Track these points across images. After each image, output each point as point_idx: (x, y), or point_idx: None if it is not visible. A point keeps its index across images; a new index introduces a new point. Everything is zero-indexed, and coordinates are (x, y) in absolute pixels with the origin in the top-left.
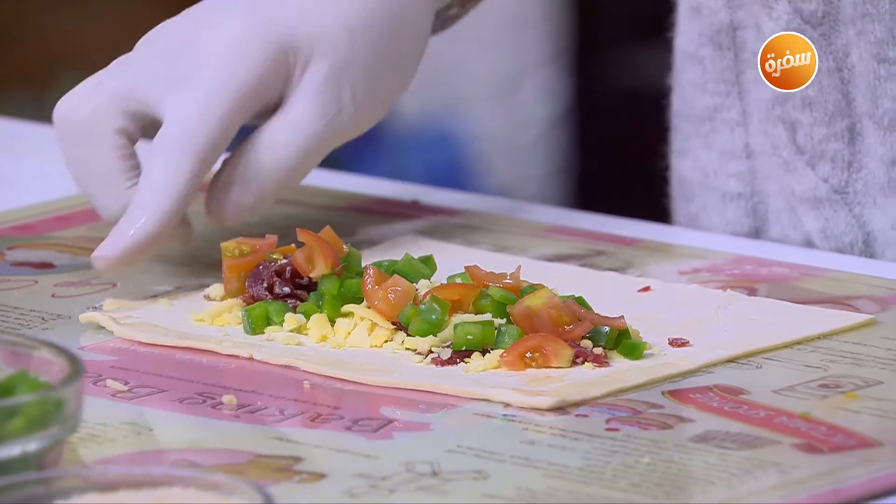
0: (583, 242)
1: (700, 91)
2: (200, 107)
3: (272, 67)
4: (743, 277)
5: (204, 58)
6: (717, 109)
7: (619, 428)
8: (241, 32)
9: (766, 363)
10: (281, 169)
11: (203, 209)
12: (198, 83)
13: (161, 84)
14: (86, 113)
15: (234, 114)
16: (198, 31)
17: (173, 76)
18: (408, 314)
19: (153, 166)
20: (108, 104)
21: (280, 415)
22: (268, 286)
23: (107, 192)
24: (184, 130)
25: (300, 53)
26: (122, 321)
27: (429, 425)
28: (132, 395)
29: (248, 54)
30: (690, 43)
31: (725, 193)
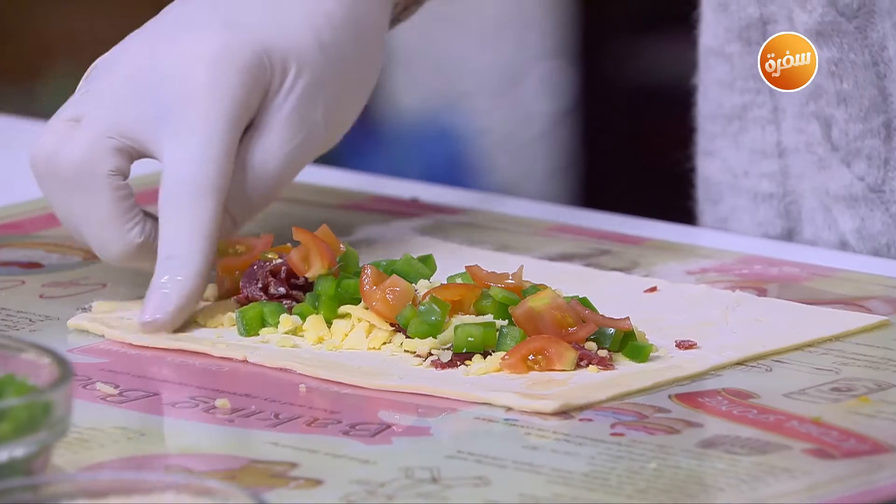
0: (587, 241)
1: (728, 89)
2: (202, 144)
3: (253, 87)
4: (752, 277)
5: (186, 85)
6: (746, 107)
7: (624, 433)
8: (218, 55)
9: (776, 366)
10: (258, 194)
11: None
12: (190, 119)
13: (150, 122)
14: (76, 158)
15: (231, 140)
16: (171, 56)
17: (161, 113)
18: (407, 315)
19: (172, 216)
20: (98, 147)
21: (275, 419)
22: (263, 286)
23: (108, 236)
24: (192, 171)
25: (276, 70)
26: (112, 323)
27: (428, 430)
28: (123, 399)
29: (229, 77)
30: (716, 39)
31: (757, 194)
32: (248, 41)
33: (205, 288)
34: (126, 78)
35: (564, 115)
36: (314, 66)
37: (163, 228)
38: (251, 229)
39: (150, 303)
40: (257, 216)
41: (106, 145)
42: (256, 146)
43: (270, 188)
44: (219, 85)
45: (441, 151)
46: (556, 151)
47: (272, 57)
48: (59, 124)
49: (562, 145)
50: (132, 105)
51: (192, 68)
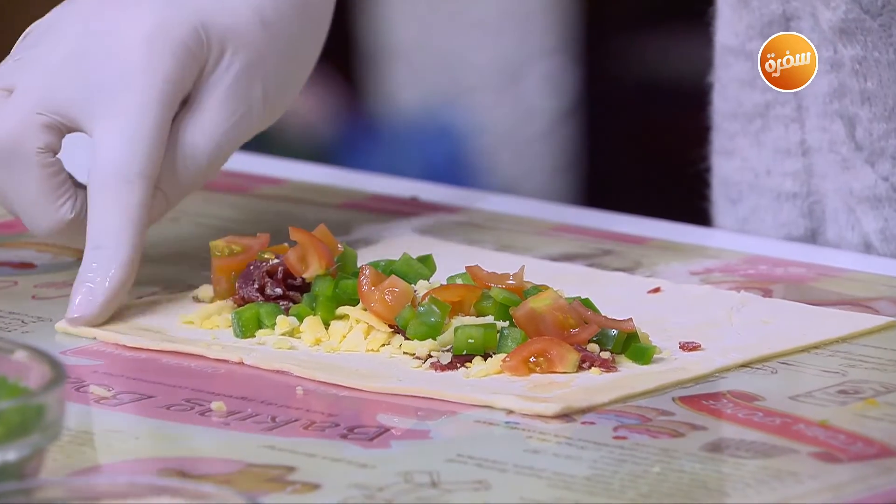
0: (590, 241)
1: (749, 87)
2: (133, 128)
3: (189, 65)
4: (757, 278)
5: (121, 64)
6: (769, 106)
7: (627, 436)
8: (154, 32)
9: (781, 368)
10: (191, 173)
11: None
12: (123, 100)
13: (81, 99)
14: (4, 134)
15: (164, 123)
16: (105, 26)
17: (93, 91)
18: (406, 317)
19: (101, 203)
20: (28, 123)
21: (272, 422)
22: (259, 287)
23: (38, 212)
24: (123, 156)
25: (213, 47)
26: (105, 326)
27: (428, 433)
28: (116, 402)
29: (165, 56)
30: (736, 37)
31: (780, 193)
32: (186, 17)
33: (133, 276)
34: (59, 51)
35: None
36: (254, 43)
37: (91, 215)
38: (248, 230)
39: (77, 297)
40: (191, 196)
41: (36, 121)
42: (190, 124)
43: (204, 168)
44: (153, 64)
45: (441, 149)
46: (559, 150)
47: (210, 34)
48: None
49: (564, 143)
50: (64, 80)
51: (126, 45)
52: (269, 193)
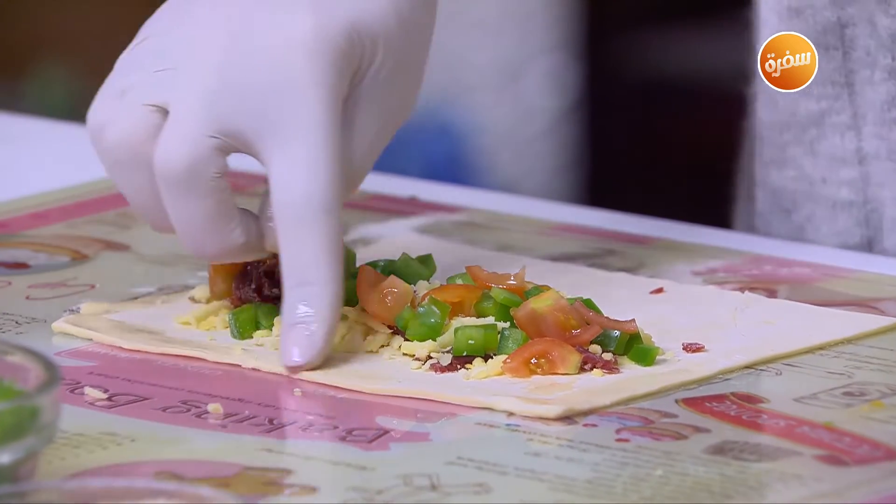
0: (592, 241)
1: (803, 96)
2: (317, 154)
3: (346, 73)
4: (762, 278)
5: (286, 79)
6: (824, 114)
7: (629, 438)
8: (313, 36)
9: (786, 369)
10: (346, 182)
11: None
12: (298, 121)
13: (249, 118)
14: (179, 161)
15: (339, 140)
16: (257, 36)
17: (260, 107)
18: (405, 317)
19: (298, 237)
20: (201, 148)
21: (269, 424)
22: (256, 287)
23: (209, 239)
24: (314, 187)
25: (365, 51)
26: (101, 325)
27: (427, 436)
28: (112, 404)
29: (328, 67)
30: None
31: (836, 202)
32: (340, 22)
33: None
34: (211, 65)
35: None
36: (398, 44)
37: (287, 250)
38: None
39: (294, 341)
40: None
41: (208, 145)
42: (345, 133)
43: (358, 175)
44: (319, 77)
45: (441, 148)
46: (560, 148)
47: (361, 37)
48: (142, 109)
49: (565, 142)
50: (228, 99)
51: (288, 58)
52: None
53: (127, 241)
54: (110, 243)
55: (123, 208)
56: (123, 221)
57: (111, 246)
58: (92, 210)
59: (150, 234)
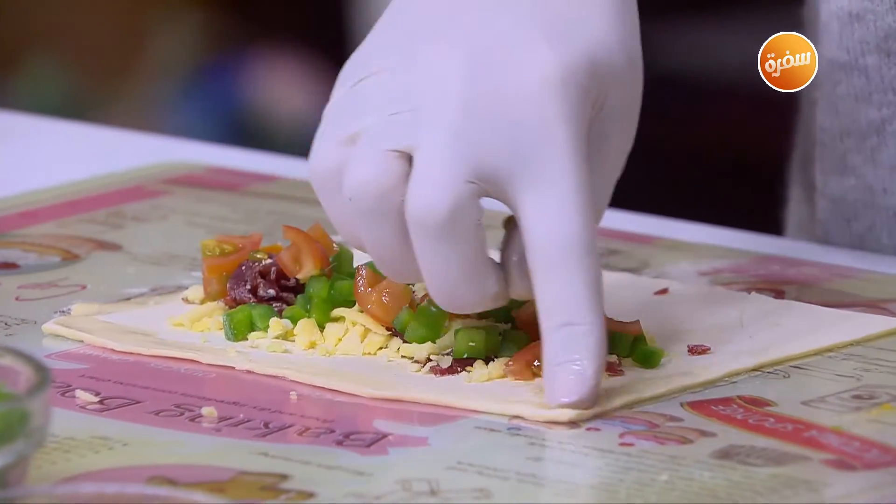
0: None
1: (864, 103)
2: (575, 193)
3: (588, 110)
4: (769, 278)
5: (537, 119)
6: (885, 121)
7: (633, 443)
8: (560, 72)
9: (794, 372)
10: (597, 217)
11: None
12: (554, 162)
13: (504, 160)
14: (443, 207)
15: (590, 177)
16: (498, 75)
17: (514, 148)
18: (404, 319)
19: (563, 278)
20: (463, 194)
21: (265, 428)
22: (251, 288)
23: (468, 289)
24: (576, 229)
25: (602, 86)
26: (92, 327)
27: (426, 440)
28: (103, 407)
29: (579, 108)
30: (848, 52)
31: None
32: (580, 55)
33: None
34: (456, 104)
35: None
36: (627, 74)
37: (546, 291)
38: (239, 229)
39: (565, 381)
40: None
41: (467, 191)
42: (596, 179)
43: (600, 210)
44: (568, 110)
45: None
46: None
47: (599, 70)
48: (385, 155)
49: None
50: (478, 139)
51: (535, 91)
52: (262, 191)
53: (119, 241)
54: (102, 243)
55: (115, 207)
56: (115, 221)
57: (103, 246)
58: (83, 209)
59: (143, 234)
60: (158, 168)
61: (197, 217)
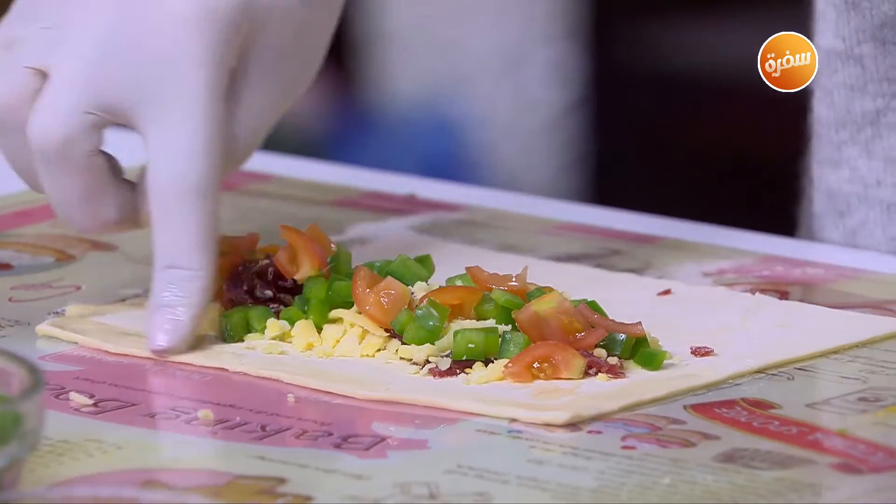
0: (597, 241)
1: (859, 94)
2: (198, 136)
3: (236, 44)
4: (774, 279)
5: (171, 55)
6: (880, 112)
7: (636, 446)
8: (203, 15)
9: (799, 374)
10: (232, 156)
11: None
12: (181, 101)
13: (131, 94)
14: (54, 135)
15: (222, 124)
16: (146, 12)
17: (143, 83)
18: (402, 320)
19: (170, 219)
20: (78, 124)
21: (262, 431)
22: (248, 289)
23: (80, 213)
24: (191, 168)
25: (257, 22)
26: (87, 329)
27: (426, 443)
28: (98, 410)
29: (216, 40)
30: (844, 41)
31: (891, 205)
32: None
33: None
34: (94, 34)
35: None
36: (296, 13)
37: (159, 231)
38: (236, 229)
39: (159, 325)
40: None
41: (85, 122)
42: (233, 106)
43: (244, 151)
44: (206, 52)
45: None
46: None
47: (254, 6)
48: (22, 71)
49: (570, 137)
50: (109, 71)
51: (173, 31)
52: (258, 190)
53: (114, 242)
54: (97, 243)
55: None
56: None
57: (98, 246)
58: None
59: (139, 234)
60: None
61: None
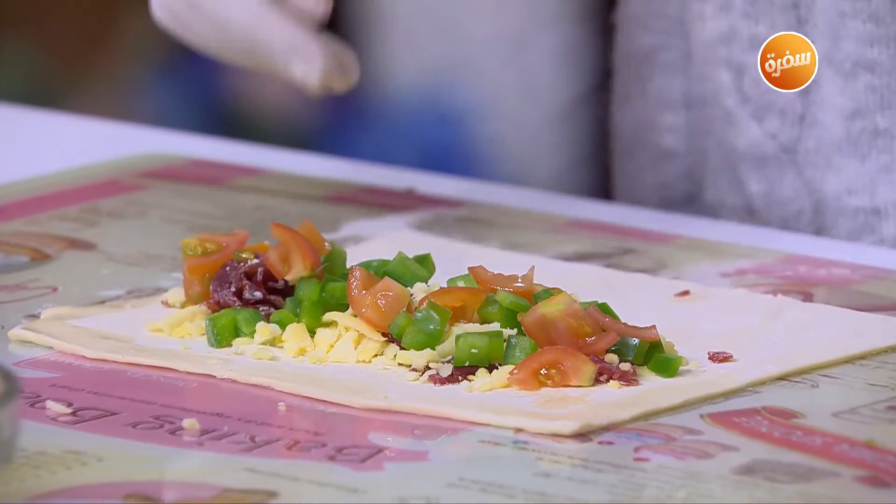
0: (608, 239)
1: (641, 29)
2: None
3: None
4: (797, 280)
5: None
6: (657, 50)
7: (649, 457)
8: None
9: (823, 381)
10: None
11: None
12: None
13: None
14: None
15: None
16: None
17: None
18: (401, 324)
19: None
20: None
21: (251, 442)
22: (236, 291)
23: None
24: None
25: None
26: (63, 333)
27: (426, 454)
28: (76, 419)
29: None
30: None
31: (661, 150)
32: None
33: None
34: None
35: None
36: None
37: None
38: (223, 226)
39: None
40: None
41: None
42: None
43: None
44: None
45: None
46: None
47: None
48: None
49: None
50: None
51: None
52: (247, 185)
53: (93, 240)
54: (75, 241)
55: (89, 203)
56: (89, 217)
57: (75, 244)
58: (55, 205)
59: (119, 232)
60: (135, 160)
61: (177, 214)
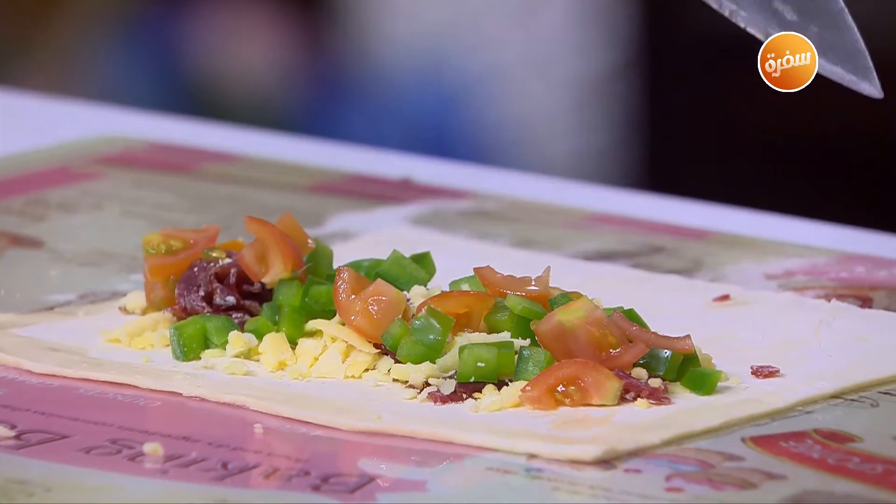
0: (635, 235)
1: None
2: None
3: None
4: (853, 283)
5: None
6: None
7: (683, 487)
8: None
9: (883, 400)
10: None
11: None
12: None
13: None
14: None
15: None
16: None
17: None
18: (396, 333)
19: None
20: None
21: (222, 470)
22: (205, 295)
23: None
24: None
25: None
26: (6, 344)
27: (424, 484)
28: (21, 444)
29: None
30: None
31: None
32: None
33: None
34: None
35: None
36: None
37: None
38: (190, 220)
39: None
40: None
41: None
42: None
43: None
44: None
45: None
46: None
47: None
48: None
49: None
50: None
51: None
52: (219, 173)
53: (40, 236)
54: (18, 238)
55: (36, 193)
56: (35, 210)
57: (19, 241)
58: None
59: (70, 227)
60: (88, 144)
61: (137, 206)
